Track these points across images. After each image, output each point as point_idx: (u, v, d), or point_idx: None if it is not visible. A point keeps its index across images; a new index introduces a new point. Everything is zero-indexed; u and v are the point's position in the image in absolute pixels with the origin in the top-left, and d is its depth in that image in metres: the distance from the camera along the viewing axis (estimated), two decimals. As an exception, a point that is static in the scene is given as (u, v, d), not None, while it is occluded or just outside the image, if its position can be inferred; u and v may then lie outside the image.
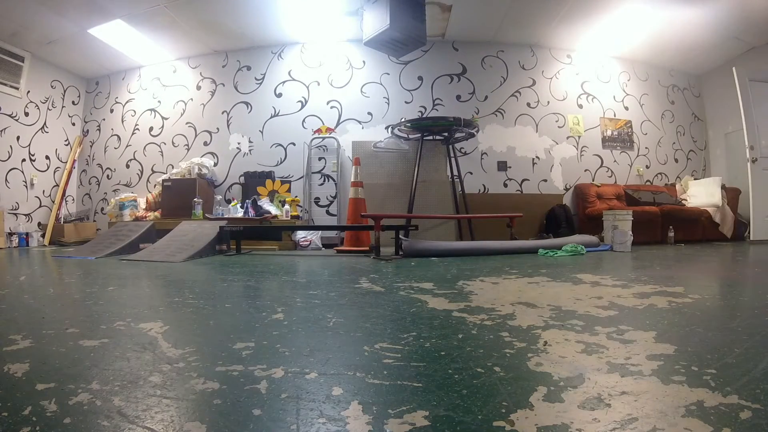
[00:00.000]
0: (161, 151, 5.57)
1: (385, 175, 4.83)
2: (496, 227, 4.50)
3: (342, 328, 1.07)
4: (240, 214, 4.43)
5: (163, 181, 4.87)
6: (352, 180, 3.98)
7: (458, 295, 1.51)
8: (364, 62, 5.30)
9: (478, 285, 1.75)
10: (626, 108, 5.61)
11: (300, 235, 4.36)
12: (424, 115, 5.19)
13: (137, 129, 5.68)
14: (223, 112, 5.42)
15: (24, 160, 5.14)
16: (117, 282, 1.97)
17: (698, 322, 1.09)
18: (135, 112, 5.71)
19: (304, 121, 5.27)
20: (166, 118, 5.59)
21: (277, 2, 4.39)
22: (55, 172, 5.56)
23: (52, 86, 5.48)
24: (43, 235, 5.13)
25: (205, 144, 5.44)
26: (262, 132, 5.32)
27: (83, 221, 5.65)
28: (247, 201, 4.44)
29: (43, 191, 5.41)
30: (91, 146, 5.89)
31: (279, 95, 5.34)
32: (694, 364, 0.76)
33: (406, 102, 5.26)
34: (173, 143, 5.54)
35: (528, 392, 0.64)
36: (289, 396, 0.64)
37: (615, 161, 5.52)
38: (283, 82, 5.35)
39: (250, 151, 5.33)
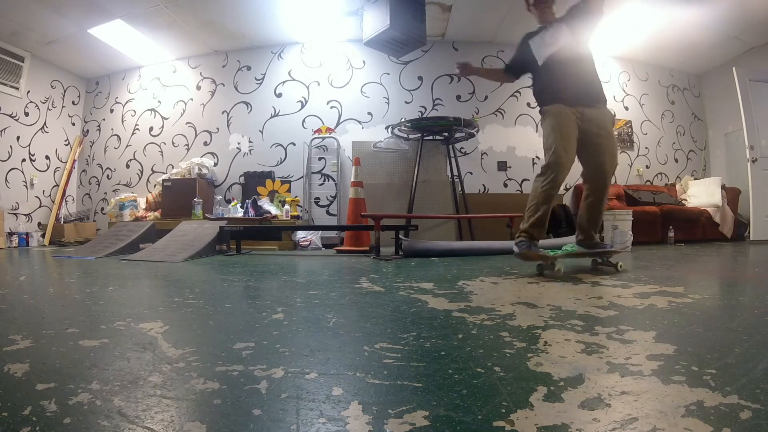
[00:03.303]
0: (161, 151, 5.57)
1: (385, 175, 4.83)
2: (496, 227, 4.49)
3: (342, 328, 1.07)
4: (240, 214, 4.43)
5: (163, 181, 4.86)
6: (352, 180, 3.98)
7: (458, 295, 1.51)
8: (364, 62, 5.30)
9: (478, 285, 1.75)
10: (626, 108, 5.61)
11: (300, 235, 4.36)
12: (424, 115, 5.19)
13: (137, 129, 5.68)
14: (223, 112, 5.42)
15: (24, 160, 5.14)
16: (117, 282, 1.97)
17: (698, 322, 1.09)
18: (135, 112, 5.71)
19: (304, 121, 5.27)
20: (166, 118, 5.58)
21: (276, 2, 4.38)
22: (55, 172, 5.56)
23: (52, 86, 5.47)
24: (43, 235, 5.13)
25: (205, 144, 5.44)
26: (262, 132, 5.32)
27: (83, 221, 5.65)
28: (247, 201, 4.44)
29: (43, 191, 5.41)
30: (91, 146, 5.88)
31: (279, 95, 5.34)
32: (694, 364, 0.76)
33: (406, 102, 5.26)
34: (173, 143, 5.54)
35: (528, 392, 0.64)
36: (289, 396, 0.64)
37: (615, 161, 5.51)
38: (283, 82, 5.35)
39: (250, 151, 5.33)
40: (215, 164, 5.36)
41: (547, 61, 2.22)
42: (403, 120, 4.55)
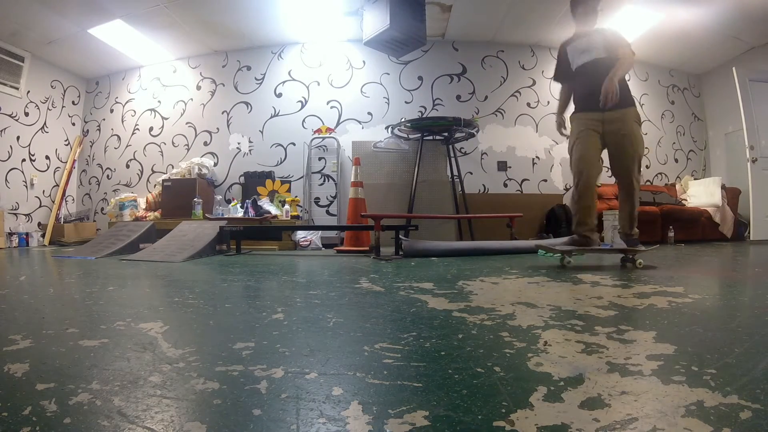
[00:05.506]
0: (161, 151, 5.57)
1: (385, 175, 4.83)
2: (496, 227, 4.49)
3: (342, 328, 1.07)
4: (240, 214, 4.43)
5: (163, 181, 4.86)
6: (352, 180, 3.98)
7: (458, 295, 1.51)
8: (364, 62, 5.30)
9: (478, 285, 1.75)
10: (626, 108, 5.60)
11: (300, 235, 4.36)
12: (424, 115, 5.19)
13: (137, 129, 5.68)
14: (223, 112, 5.42)
15: (24, 160, 5.14)
16: (117, 282, 1.97)
17: (698, 322, 1.09)
18: (135, 112, 5.71)
19: (304, 121, 5.27)
20: (166, 118, 5.59)
21: (276, 2, 4.38)
22: (55, 172, 5.56)
23: (52, 86, 5.47)
24: (43, 235, 5.13)
25: (205, 144, 5.44)
26: (262, 132, 5.32)
27: (83, 221, 5.65)
28: (247, 201, 4.44)
29: (43, 191, 5.41)
30: (91, 146, 5.88)
31: (279, 95, 5.34)
32: (694, 364, 0.76)
33: (406, 102, 5.26)
34: (173, 143, 5.54)
35: (528, 392, 0.64)
36: (289, 396, 0.64)
37: (615, 161, 5.51)
38: (283, 82, 5.35)
39: (250, 151, 5.33)
40: (215, 164, 5.36)
41: (579, 69, 2.50)
42: (403, 120, 4.55)
